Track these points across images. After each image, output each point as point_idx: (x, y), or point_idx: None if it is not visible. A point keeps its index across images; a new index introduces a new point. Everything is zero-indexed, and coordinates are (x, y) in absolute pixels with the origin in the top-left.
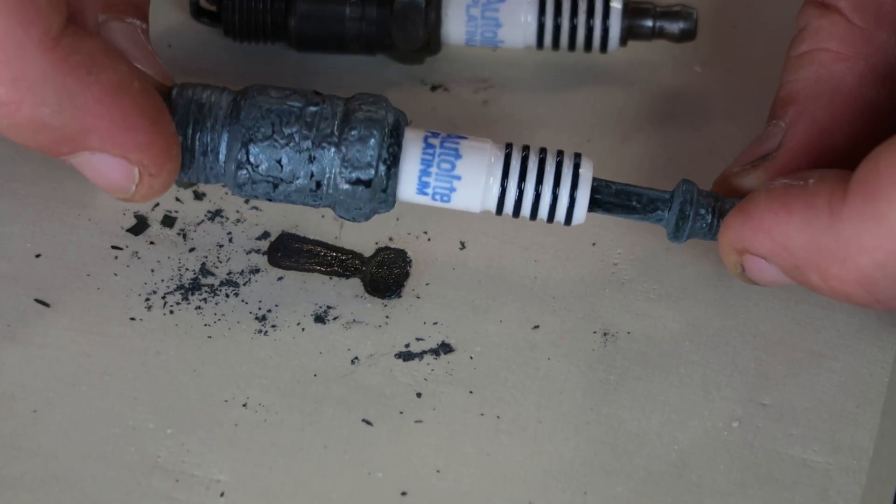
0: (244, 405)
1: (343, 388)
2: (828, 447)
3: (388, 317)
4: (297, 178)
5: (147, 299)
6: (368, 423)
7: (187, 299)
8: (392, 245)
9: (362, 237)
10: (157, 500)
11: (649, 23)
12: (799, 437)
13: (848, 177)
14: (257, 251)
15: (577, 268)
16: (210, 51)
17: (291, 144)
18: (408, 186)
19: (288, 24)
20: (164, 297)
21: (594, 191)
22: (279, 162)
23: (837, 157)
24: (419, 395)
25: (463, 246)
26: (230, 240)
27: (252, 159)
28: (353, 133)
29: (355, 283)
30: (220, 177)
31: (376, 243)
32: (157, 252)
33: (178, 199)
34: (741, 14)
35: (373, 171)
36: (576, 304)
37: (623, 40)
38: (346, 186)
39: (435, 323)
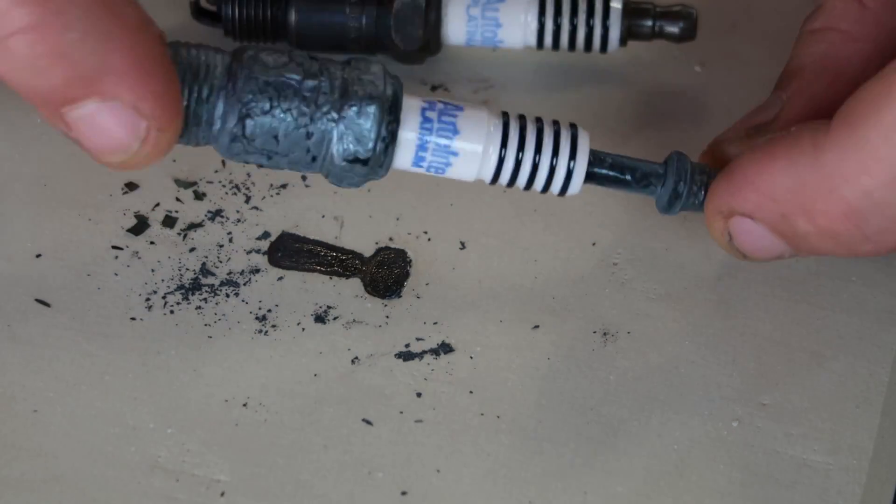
0: (244, 405)
1: (343, 388)
2: (828, 447)
3: (388, 317)
4: (293, 153)
5: (147, 299)
6: (368, 423)
7: (187, 299)
8: (392, 245)
9: (362, 237)
10: (157, 500)
11: (649, 23)
12: (799, 437)
13: (829, 121)
14: (257, 251)
15: (577, 268)
16: None
17: (289, 120)
18: (404, 160)
19: (288, 24)
20: (164, 297)
21: (590, 163)
22: (275, 137)
23: None
24: (419, 395)
25: (463, 246)
26: (230, 240)
27: (248, 133)
28: (352, 110)
29: (355, 283)
30: (212, 141)
31: (376, 243)
32: (157, 252)
33: (178, 200)
34: (741, 14)
35: (371, 149)
36: (576, 304)
37: (623, 40)
38: (342, 163)
39: (435, 323)
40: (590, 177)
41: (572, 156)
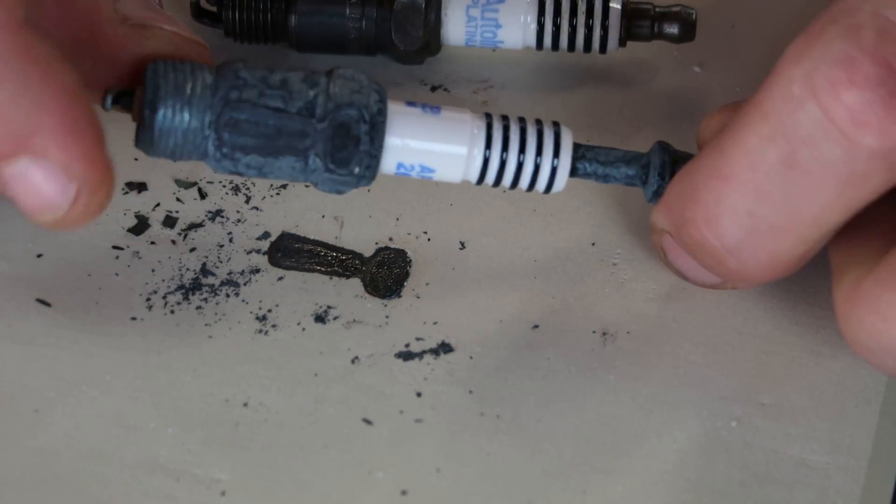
0: (245, 405)
1: (343, 388)
2: (826, 447)
3: (388, 317)
4: (280, 163)
5: (148, 299)
6: (368, 422)
7: (188, 299)
8: (392, 245)
9: (362, 237)
10: (157, 500)
11: (648, 24)
12: (798, 437)
13: None
14: (257, 251)
15: (576, 268)
16: (211, 51)
17: (275, 131)
18: (389, 165)
19: (288, 24)
20: (164, 297)
21: (574, 158)
22: (261, 148)
23: None
24: (419, 394)
25: (463, 246)
26: (230, 240)
27: (233, 144)
28: (336, 119)
29: (355, 283)
30: (199, 155)
31: (376, 243)
32: (157, 252)
33: (178, 200)
34: (741, 14)
35: (358, 158)
36: (576, 304)
37: (622, 41)
38: (329, 173)
39: (435, 323)
40: (574, 171)
41: (556, 153)
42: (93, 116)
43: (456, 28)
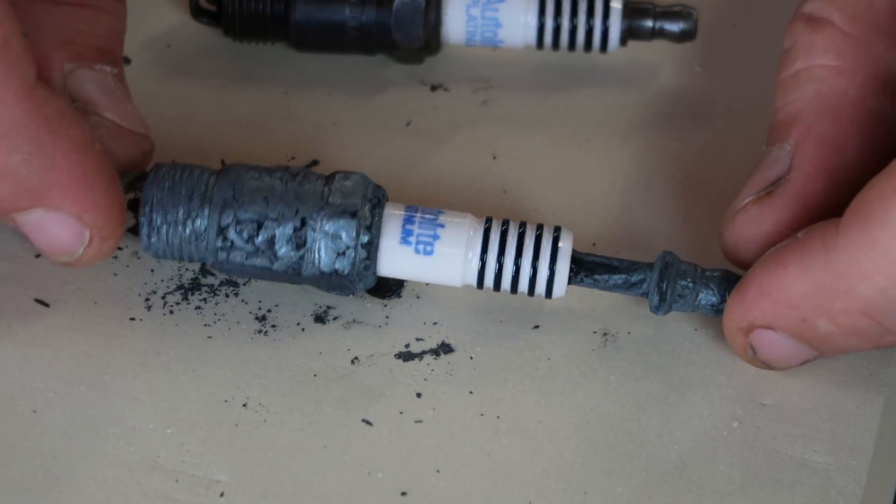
0: (244, 405)
1: (343, 388)
2: (828, 447)
3: (388, 317)
4: (274, 266)
5: (147, 299)
6: (368, 423)
7: (187, 299)
8: None
9: None
10: (156, 500)
11: (649, 23)
12: (799, 438)
13: (839, 221)
14: None
15: None
16: (210, 51)
17: (271, 233)
18: (388, 269)
19: (288, 24)
20: (163, 297)
21: (573, 265)
22: (258, 250)
23: (851, 174)
24: (419, 395)
25: None
26: None
27: (232, 250)
28: (331, 224)
29: None
30: (199, 256)
31: None
32: None
33: None
34: (741, 14)
35: (351, 262)
36: (576, 304)
37: (623, 40)
38: (325, 275)
39: (435, 323)
40: (573, 280)
41: (553, 259)
42: (104, 165)
43: (456, 27)
